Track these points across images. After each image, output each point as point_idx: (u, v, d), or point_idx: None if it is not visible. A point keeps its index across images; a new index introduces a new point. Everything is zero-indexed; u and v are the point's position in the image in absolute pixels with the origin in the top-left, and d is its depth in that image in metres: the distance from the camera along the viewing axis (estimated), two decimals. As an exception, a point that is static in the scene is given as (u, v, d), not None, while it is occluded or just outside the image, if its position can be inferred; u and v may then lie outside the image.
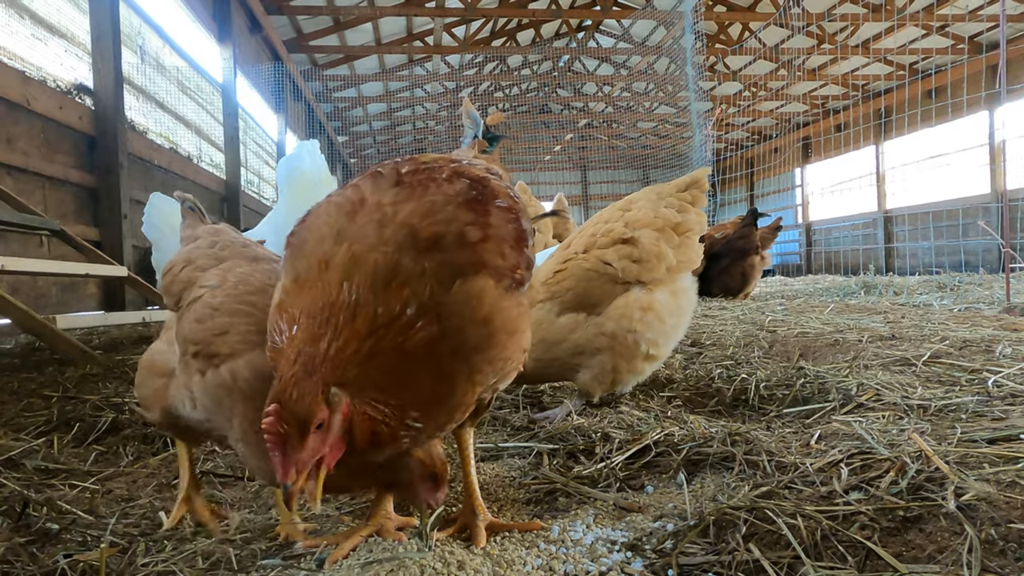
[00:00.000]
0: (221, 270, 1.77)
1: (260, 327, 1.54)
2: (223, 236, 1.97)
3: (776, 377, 3.02)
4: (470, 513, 1.61)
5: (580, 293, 2.75)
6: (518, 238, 1.37)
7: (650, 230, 2.81)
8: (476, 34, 18.95)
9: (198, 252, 1.89)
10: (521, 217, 1.42)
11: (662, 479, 1.97)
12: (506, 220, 1.35)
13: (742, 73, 19.98)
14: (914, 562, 1.25)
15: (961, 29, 15.54)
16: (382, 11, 15.05)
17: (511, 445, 2.33)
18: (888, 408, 2.34)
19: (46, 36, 6.04)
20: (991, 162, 16.02)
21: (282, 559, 1.55)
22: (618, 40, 20.47)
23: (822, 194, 23.78)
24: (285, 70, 14.64)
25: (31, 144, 5.53)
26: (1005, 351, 3.05)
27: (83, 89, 6.47)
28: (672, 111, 22.12)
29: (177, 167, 8.89)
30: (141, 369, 1.83)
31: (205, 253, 1.87)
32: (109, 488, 2.10)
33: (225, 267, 1.79)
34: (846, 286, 9.60)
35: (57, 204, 5.85)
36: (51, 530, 1.69)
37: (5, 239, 5.04)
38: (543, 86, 22.24)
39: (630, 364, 2.73)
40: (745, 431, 2.18)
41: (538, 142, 27.61)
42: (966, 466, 1.55)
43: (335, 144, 21.59)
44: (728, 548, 1.39)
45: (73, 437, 2.59)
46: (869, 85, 19.50)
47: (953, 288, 8.31)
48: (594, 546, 1.51)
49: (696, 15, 11.95)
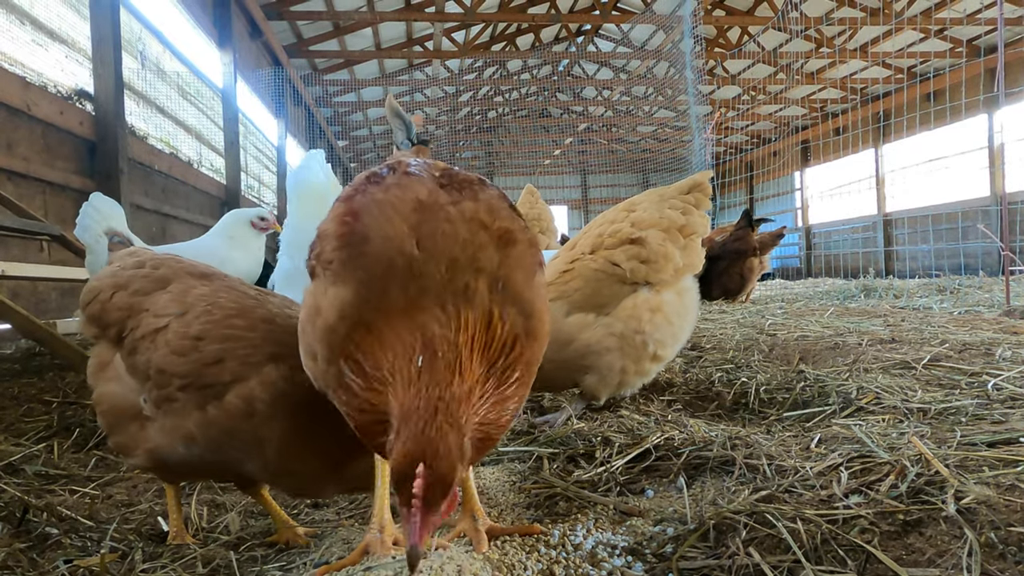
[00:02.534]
0: (174, 294, 1.66)
1: (256, 348, 1.49)
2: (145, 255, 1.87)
3: (776, 381, 3.02)
4: (469, 518, 1.60)
5: (588, 293, 2.75)
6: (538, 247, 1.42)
7: (657, 230, 2.81)
8: (476, 39, 19.00)
9: (127, 275, 1.76)
10: None
11: (662, 483, 1.97)
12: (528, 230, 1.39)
13: (741, 77, 20.02)
14: (914, 566, 1.25)
15: (959, 33, 15.58)
16: (382, 16, 15.11)
17: (511, 449, 2.33)
18: (888, 411, 2.34)
19: (47, 42, 6.06)
20: (990, 165, 16.05)
21: (281, 564, 1.55)
22: (617, 44, 20.51)
23: (821, 197, 23.81)
24: (285, 75, 14.68)
25: (32, 149, 5.54)
26: (1005, 354, 3.05)
27: (84, 94, 6.49)
28: (671, 115, 22.17)
29: (177, 172, 8.90)
30: (106, 416, 1.70)
31: (137, 275, 1.75)
32: (109, 493, 2.10)
33: (177, 289, 1.67)
34: (846, 289, 9.60)
35: (57, 209, 5.86)
36: (51, 535, 1.69)
37: (5, 244, 5.04)
38: (543, 90, 22.28)
39: (638, 365, 2.73)
40: (745, 435, 2.18)
41: (538, 146, 27.67)
42: (966, 469, 1.54)
43: (335, 148, 21.62)
44: (728, 552, 1.39)
45: (73, 442, 2.59)
46: (868, 89, 19.54)
47: (953, 291, 8.30)
48: (594, 550, 1.50)
49: (695, 19, 11.98)
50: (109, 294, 1.72)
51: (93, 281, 1.82)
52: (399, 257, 1.14)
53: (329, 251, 1.24)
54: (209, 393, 1.48)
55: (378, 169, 1.38)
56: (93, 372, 1.77)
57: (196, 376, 1.50)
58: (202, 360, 1.51)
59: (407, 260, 1.13)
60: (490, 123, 25.97)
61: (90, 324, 1.77)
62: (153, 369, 1.56)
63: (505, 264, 1.18)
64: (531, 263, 1.26)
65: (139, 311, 1.65)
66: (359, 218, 1.22)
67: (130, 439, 1.64)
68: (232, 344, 1.51)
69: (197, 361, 1.51)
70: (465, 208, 1.21)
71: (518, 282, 1.19)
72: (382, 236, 1.16)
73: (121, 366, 1.68)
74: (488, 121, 26.05)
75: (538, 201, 7.78)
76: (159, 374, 1.55)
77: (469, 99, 21.85)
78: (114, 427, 1.69)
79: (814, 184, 24.53)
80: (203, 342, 1.53)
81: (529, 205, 7.67)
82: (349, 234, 1.21)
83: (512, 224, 1.25)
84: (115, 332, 1.68)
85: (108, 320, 1.70)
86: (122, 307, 1.68)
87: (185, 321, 1.57)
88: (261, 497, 1.80)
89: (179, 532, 1.72)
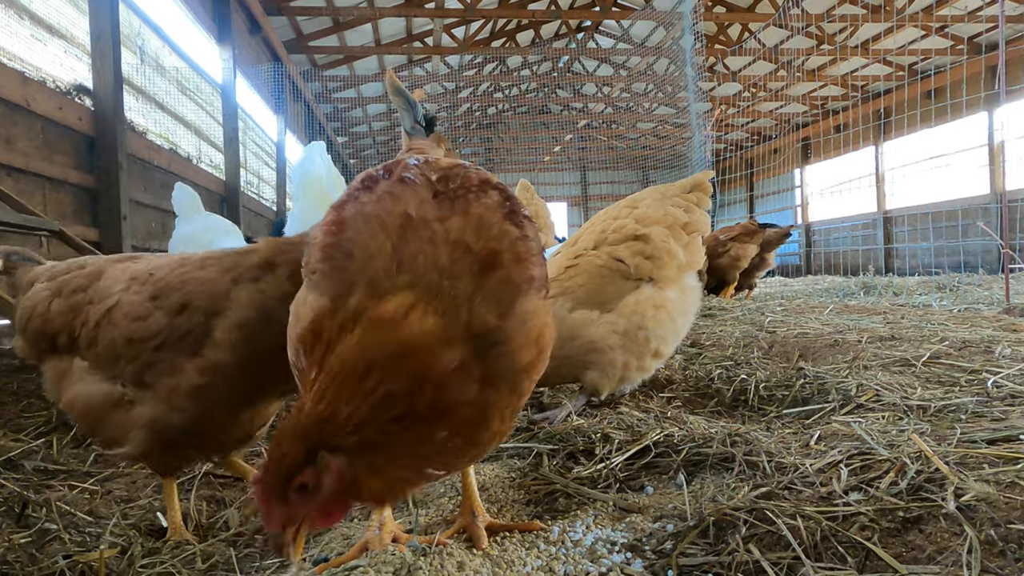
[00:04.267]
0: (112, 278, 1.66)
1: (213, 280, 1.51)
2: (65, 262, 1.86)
3: (776, 378, 3.02)
4: (469, 514, 1.60)
5: (592, 289, 2.75)
6: (540, 246, 1.36)
7: (661, 227, 2.82)
8: (476, 35, 18.95)
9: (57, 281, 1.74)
10: None
11: (662, 480, 1.97)
12: (533, 229, 1.34)
13: (741, 74, 19.99)
14: (914, 563, 1.25)
15: (960, 30, 15.55)
16: (382, 12, 15.05)
17: (511, 446, 2.33)
18: (888, 409, 2.34)
19: (46, 37, 6.04)
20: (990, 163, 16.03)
21: (280, 560, 1.55)
22: (617, 41, 20.47)
23: (822, 195, 23.80)
24: (285, 71, 14.65)
25: (31, 145, 5.53)
26: (1004, 352, 3.05)
27: (82, 90, 6.47)
28: (672, 112, 22.13)
29: (176, 168, 8.89)
30: (85, 416, 1.67)
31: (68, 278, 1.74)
32: (108, 489, 2.09)
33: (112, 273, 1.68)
34: (846, 287, 9.60)
35: (56, 205, 5.85)
36: (50, 531, 1.69)
37: (4, 239, 5.03)
38: (543, 87, 22.24)
39: (640, 361, 2.73)
40: (745, 432, 2.18)
41: (538, 143, 27.61)
42: (966, 467, 1.54)
43: (335, 145, 21.58)
44: (728, 549, 1.39)
45: (72, 438, 2.58)
46: (868, 86, 19.51)
47: (952, 289, 8.31)
48: (594, 547, 1.51)
49: (695, 16, 11.95)
50: (46, 304, 1.71)
51: (24, 302, 1.79)
52: (375, 272, 1.15)
53: (314, 262, 1.26)
54: (191, 340, 1.48)
55: (375, 171, 1.37)
56: (53, 383, 1.74)
57: (169, 331, 1.50)
58: (168, 312, 1.51)
59: (384, 281, 1.14)
60: (490, 119, 25.94)
61: (34, 344, 1.74)
62: (120, 344, 1.55)
63: (480, 292, 1.15)
64: (514, 288, 1.19)
65: (82, 306, 1.65)
66: (344, 230, 1.23)
67: (116, 428, 1.63)
68: (190, 288, 1.52)
69: (163, 315, 1.51)
70: (451, 227, 1.19)
71: (487, 313, 1.14)
72: (365, 253, 1.17)
73: (82, 367, 1.67)
74: (488, 117, 26.01)
75: (534, 197, 7.76)
76: (128, 345, 1.53)
77: (469, 95, 21.82)
78: (96, 424, 1.67)
79: (814, 181, 24.51)
80: (160, 299, 1.53)
81: (525, 202, 7.64)
82: (334, 246, 1.23)
83: (499, 244, 1.20)
84: (65, 338, 1.68)
85: (53, 328, 1.69)
86: (63, 311, 1.68)
87: (133, 291, 1.58)
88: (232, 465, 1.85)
89: (178, 528, 1.72)
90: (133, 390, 1.57)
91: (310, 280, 1.26)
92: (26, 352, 1.79)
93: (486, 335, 1.13)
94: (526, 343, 1.19)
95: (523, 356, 1.19)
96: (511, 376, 1.17)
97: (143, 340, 1.52)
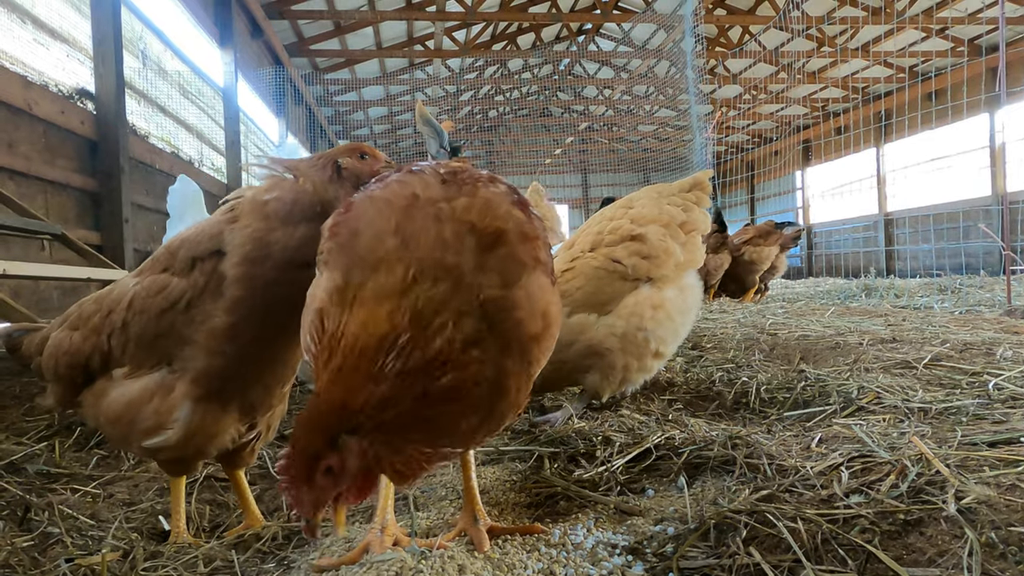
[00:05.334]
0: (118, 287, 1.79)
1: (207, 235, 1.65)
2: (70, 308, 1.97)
3: (777, 380, 3.02)
4: (470, 517, 1.61)
5: (590, 292, 2.74)
6: (548, 243, 1.39)
7: (657, 226, 2.81)
8: (477, 38, 18.98)
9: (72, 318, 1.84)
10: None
11: (663, 483, 1.97)
12: (540, 225, 1.37)
13: (742, 76, 20.00)
14: (914, 565, 1.25)
15: (961, 32, 15.55)
16: (383, 15, 15.09)
17: (512, 449, 2.33)
18: (889, 411, 2.34)
19: (48, 41, 6.06)
20: (991, 165, 16.02)
21: (282, 563, 1.55)
22: (618, 43, 20.49)
23: (823, 197, 23.78)
24: (286, 74, 14.68)
25: (33, 148, 5.54)
26: (1006, 354, 3.05)
27: (85, 94, 6.49)
28: (672, 114, 22.15)
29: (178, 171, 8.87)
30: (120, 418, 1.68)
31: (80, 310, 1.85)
32: (111, 492, 2.10)
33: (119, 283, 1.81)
34: (847, 289, 9.60)
35: (59, 208, 5.86)
36: (53, 534, 1.69)
37: (7, 243, 5.05)
38: (544, 89, 22.26)
39: (641, 362, 2.72)
40: (746, 434, 2.18)
41: (539, 145, 27.65)
42: (967, 469, 1.54)
43: (336, 148, 21.57)
44: (729, 552, 1.39)
45: (75, 441, 2.59)
46: (869, 88, 19.51)
47: (954, 291, 8.30)
48: (595, 550, 1.51)
49: (696, 18, 11.96)
50: (69, 340, 1.78)
51: (47, 352, 1.84)
52: (382, 249, 1.18)
53: (323, 243, 1.31)
54: (212, 287, 1.59)
55: (386, 173, 1.42)
56: (92, 407, 1.76)
57: (190, 288, 1.61)
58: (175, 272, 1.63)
59: (390, 253, 1.17)
60: (491, 122, 25.96)
61: (70, 381, 1.78)
62: (154, 323, 1.64)
63: (484, 266, 1.18)
64: (519, 264, 1.22)
65: (103, 321, 1.73)
66: (350, 210, 1.29)
67: (157, 415, 1.65)
68: (184, 251, 1.65)
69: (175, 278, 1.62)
70: (457, 205, 1.21)
71: (492, 285, 1.17)
72: (371, 230, 1.21)
73: (121, 374, 1.71)
74: (489, 120, 26.04)
75: (543, 200, 7.76)
76: (161, 318, 1.63)
77: (470, 98, 21.85)
78: (133, 419, 1.67)
79: (815, 183, 24.50)
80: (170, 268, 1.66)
81: (534, 204, 7.64)
82: (340, 224, 1.28)
83: (505, 224, 1.23)
84: (98, 357, 1.73)
85: (84, 354, 1.74)
86: (87, 335, 1.74)
87: (145, 276, 1.70)
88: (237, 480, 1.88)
89: (181, 531, 1.73)
90: (181, 363, 1.63)
91: (320, 262, 1.30)
92: (62, 397, 1.81)
93: (492, 303, 1.16)
94: (532, 314, 1.21)
95: (531, 326, 1.21)
96: (521, 344, 1.20)
97: (173, 304, 1.61)
